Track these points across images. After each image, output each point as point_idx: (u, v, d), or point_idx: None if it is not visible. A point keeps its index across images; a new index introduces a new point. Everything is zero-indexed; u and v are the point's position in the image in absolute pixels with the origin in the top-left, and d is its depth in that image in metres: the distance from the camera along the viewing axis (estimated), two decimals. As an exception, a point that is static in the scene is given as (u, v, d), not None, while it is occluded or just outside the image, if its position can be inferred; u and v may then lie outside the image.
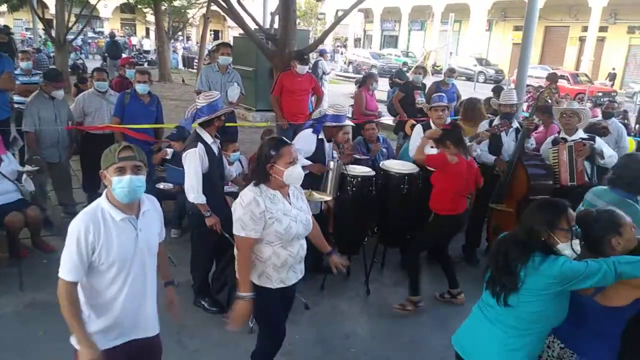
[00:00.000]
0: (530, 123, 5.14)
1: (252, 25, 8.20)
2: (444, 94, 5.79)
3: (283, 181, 2.83)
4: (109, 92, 6.27)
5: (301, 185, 3.06)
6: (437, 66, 29.03)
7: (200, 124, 3.95)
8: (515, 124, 5.44)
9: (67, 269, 2.27)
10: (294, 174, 2.83)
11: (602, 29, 28.93)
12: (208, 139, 3.95)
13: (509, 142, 5.38)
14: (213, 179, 4.01)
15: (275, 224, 2.78)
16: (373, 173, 4.75)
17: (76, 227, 2.27)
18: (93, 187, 6.35)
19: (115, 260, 2.31)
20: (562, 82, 21.45)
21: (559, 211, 2.38)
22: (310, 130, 4.92)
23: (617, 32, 29.58)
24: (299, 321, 4.19)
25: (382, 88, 12.27)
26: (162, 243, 2.68)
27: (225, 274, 4.24)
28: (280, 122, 6.70)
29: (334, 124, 4.69)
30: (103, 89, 6.18)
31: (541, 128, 6.42)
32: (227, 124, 6.15)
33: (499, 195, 5.18)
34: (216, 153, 4.04)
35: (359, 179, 4.64)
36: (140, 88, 5.78)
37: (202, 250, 4.24)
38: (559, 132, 5.25)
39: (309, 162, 4.71)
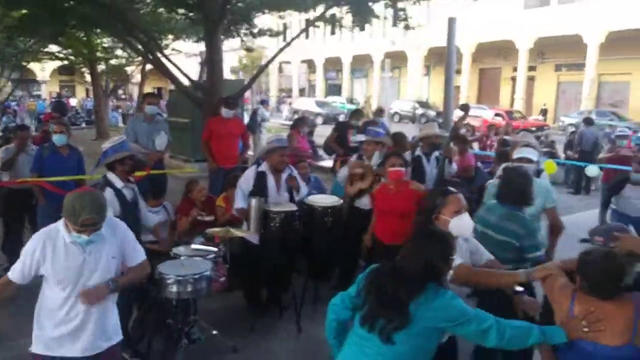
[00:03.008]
0: (447, 151, 5.36)
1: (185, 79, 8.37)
2: (380, 130, 5.98)
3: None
4: (31, 147, 6.15)
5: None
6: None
7: (109, 169, 3.88)
8: (436, 153, 5.65)
9: (13, 268, 2.66)
10: (462, 224, 2.71)
11: (531, 68, 30.71)
12: (118, 183, 3.87)
13: (431, 169, 5.58)
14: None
15: None
16: (296, 208, 4.76)
17: (32, 241, 2.65)
18: (14, 249, 6.03)
19: (61, 279, 2.61)
20: (497, 119, 22.52)
21: (452, 242, 2.36)
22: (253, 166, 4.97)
23: (545, 71, 31.47)
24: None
25: (325, 133, 12.53)
26: (141, 264, 2.96)
27: (144, 323, 4.09)
28: (210, 167, 6.69)
29: (278, 145, 4.78)
30: (26, 146, 6.08)
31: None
32: (153, 172, 6.12)
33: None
34: (129, 198, 3.95)
35: (283, 214, 4.63)
36: (57, 138, 5.65)
37: (120, 299, 4.06)
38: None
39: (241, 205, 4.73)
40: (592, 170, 7.96)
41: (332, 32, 38.33)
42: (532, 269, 2.54)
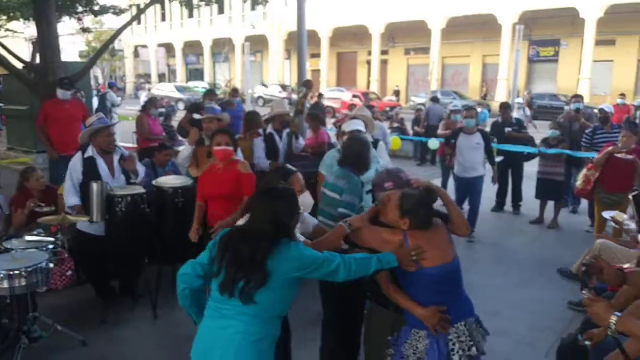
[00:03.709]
0: (294, 126, 5.52)
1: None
2: (217, 107, 5.97)
3: None
4: None
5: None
6: (242, 95, 29.74)
7: None
8: (288, 130, 5.81)
9: None
10: (305, 202, 2.91)
11: (384, 52, 32.56)
12: None
13: (284, 146, 5.74)
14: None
15: None
16: (144, 191, 4.57)
17: None
18: None
19: None
20: (355, 100, 23.62)
21: (293, 197, 2.42)
22: (78, 154, 4.62)
23: (397, 55, 33.58)
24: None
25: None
26: None
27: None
28: (49, 155, 6.16)
29: (101, 125, 4.51)
30: None
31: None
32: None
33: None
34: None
35: (129, 198, 4.42)
36: None
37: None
38: None
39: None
40: (433, 143, 8.80)
41: (190, 15, 37.17)
42: (350, 218, 2.72)
